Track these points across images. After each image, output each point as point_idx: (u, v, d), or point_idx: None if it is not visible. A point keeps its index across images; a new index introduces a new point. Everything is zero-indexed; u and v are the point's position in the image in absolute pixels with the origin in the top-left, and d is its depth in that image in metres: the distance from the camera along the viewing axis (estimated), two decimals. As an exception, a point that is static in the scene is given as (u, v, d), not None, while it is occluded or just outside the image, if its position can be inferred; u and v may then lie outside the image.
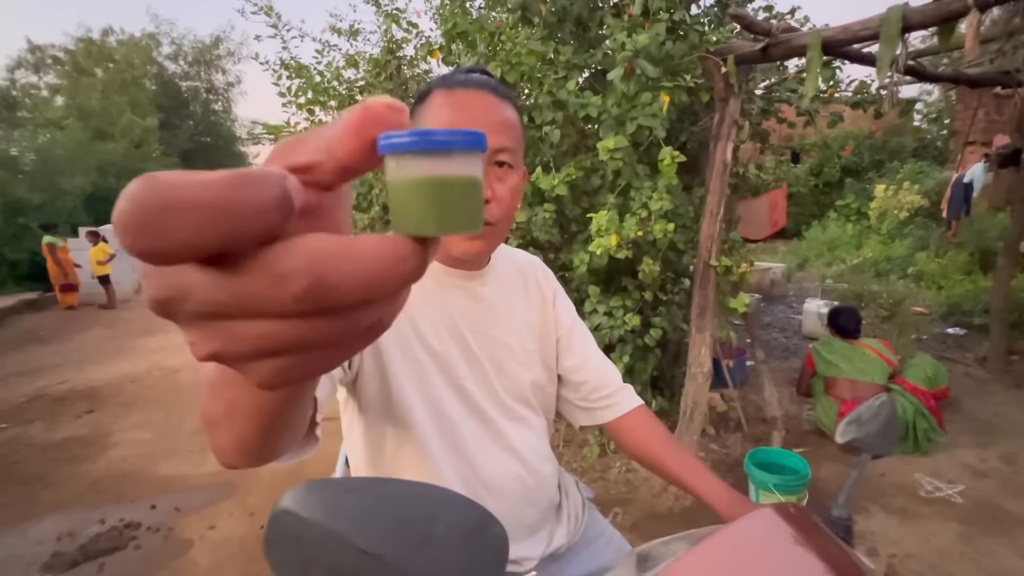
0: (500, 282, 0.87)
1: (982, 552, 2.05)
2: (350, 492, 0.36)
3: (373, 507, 0.36)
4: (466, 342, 0.82)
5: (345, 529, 0.35)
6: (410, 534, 0.36)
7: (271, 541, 0.36)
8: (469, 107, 0.71)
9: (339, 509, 0.35)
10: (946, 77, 2.56)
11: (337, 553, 0.34)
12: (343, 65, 3.53)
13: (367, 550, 0.34)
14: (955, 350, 4.33)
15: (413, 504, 0.37)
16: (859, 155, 12.69)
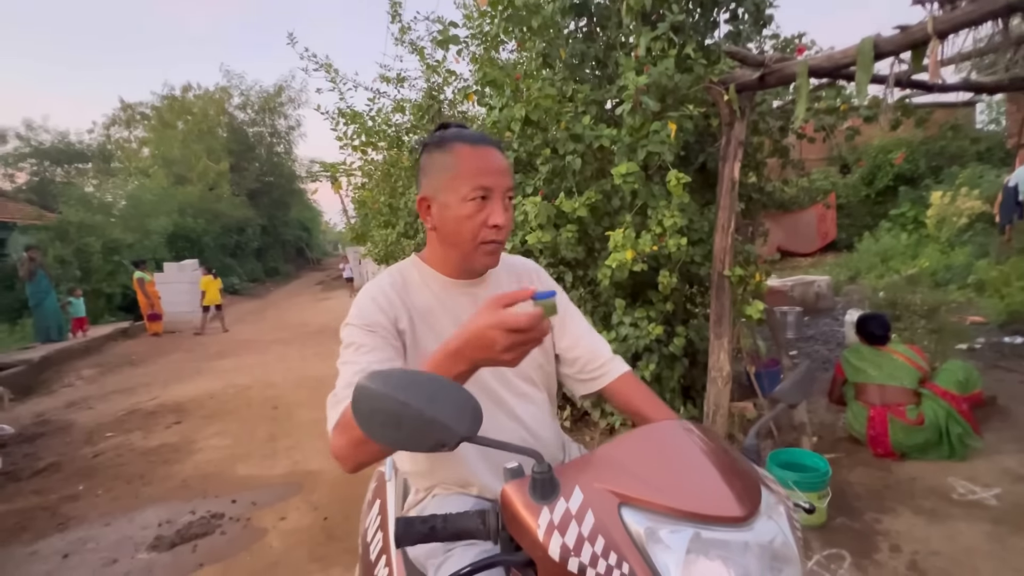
0: (498, 286, 1.11)
1: (1012, 551, 2.06)
2: (393, 374, 0.67)
3: (405, 379, 0.65)
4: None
5: (391, 391, 0.64)
6: (426, 392, 0.64)
7: (355, 401, 0.66)
8: (490, 159, 0.97)
9: (389, 380, 0.65)
10: (953, 86, 2.65)
11: (388, 402, 0.64)
12: (391, 110, 4.01)
13: (404, 400, 0.64)
14: (1012, 359, 4.16)
15: (428, 378, 0.67)
16: (913, 162, 12.14)
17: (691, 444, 0.77)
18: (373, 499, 1.44)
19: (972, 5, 1.58)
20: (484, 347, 0.72)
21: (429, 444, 0.66)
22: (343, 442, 0.82)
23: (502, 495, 0.71)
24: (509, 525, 0.70)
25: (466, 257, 1.01)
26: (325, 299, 17.15)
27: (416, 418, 0.64)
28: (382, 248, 4.17)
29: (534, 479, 0.68)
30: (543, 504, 0.66)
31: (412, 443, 0.66)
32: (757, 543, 0.64)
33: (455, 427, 0.65)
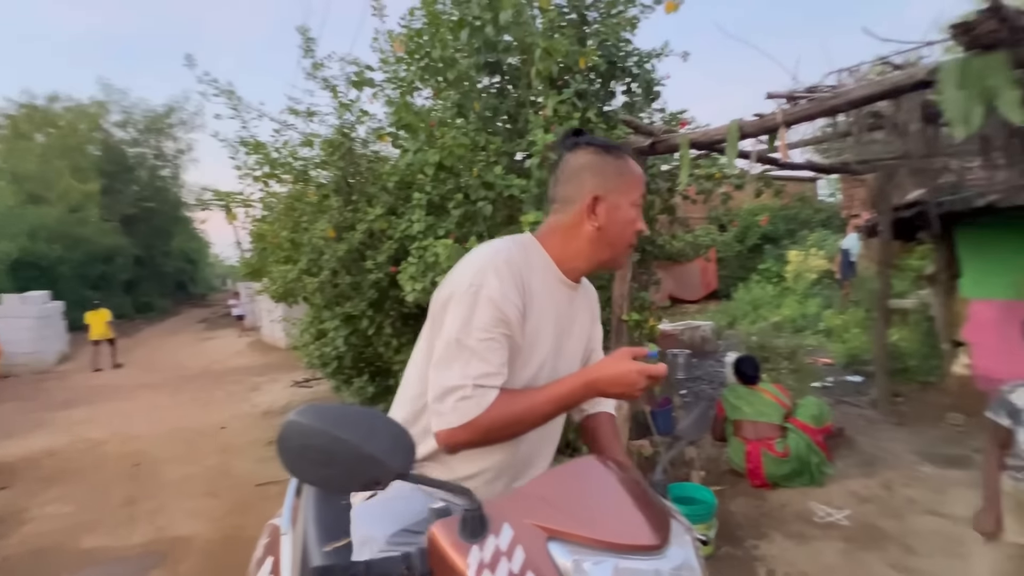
0: (587, 294, 1.18)
1: (859, 565, 2.36)
2: (329, 409, 0.65)
3: (342, 414, 0.64)
4: (569, 330, 1.11)
5: (327, 427, 0.62)
6: (363, 427, 0.63)
7: (282, 438, 0.63)
8: (639, 175, 1.08)
9: (325, 415, 0.63)
10: (798, 165, 3.20)
11: (323, 438, 0.62)
12: (299, 144, 3.87)
13: (340, 436, 0.62)
14: (853, 395, 4.88)
15: (365, 413, 0.66)
16: (775, 225, 14.12)
17: (611, 479, 0.81)
18: (264, 556, 1.30)
19: (809, 104, 1.96)
20: (626, 384, 0.93)
21: (362, 482, 0.64)
22: (467, 437, 0.93)
23: (429, 537, 0.69)
24: (436, 567, 0.69)
25: (616, 256, 1.10)
26: (208, 339, 15.48)
27: (351, 454, 0.62)
28: (280, 285, 3.90)
29: (464, 518, 0.67)
30: (472, 543, 0.66)
31: (342, 481, 0.64)
32: (668, 570, 0.69)
33: (390, 463, 0.64)
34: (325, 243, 3.44)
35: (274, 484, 3.81)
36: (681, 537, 0.77)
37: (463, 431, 0.91)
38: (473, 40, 2.93)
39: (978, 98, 1.39)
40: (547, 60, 2.45)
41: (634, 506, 0.76)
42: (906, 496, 2.96)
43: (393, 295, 3.54)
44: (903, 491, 3.02)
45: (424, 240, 2.90)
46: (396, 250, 3.26)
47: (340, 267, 3.48)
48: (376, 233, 3.39)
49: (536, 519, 0.69)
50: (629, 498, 0.78)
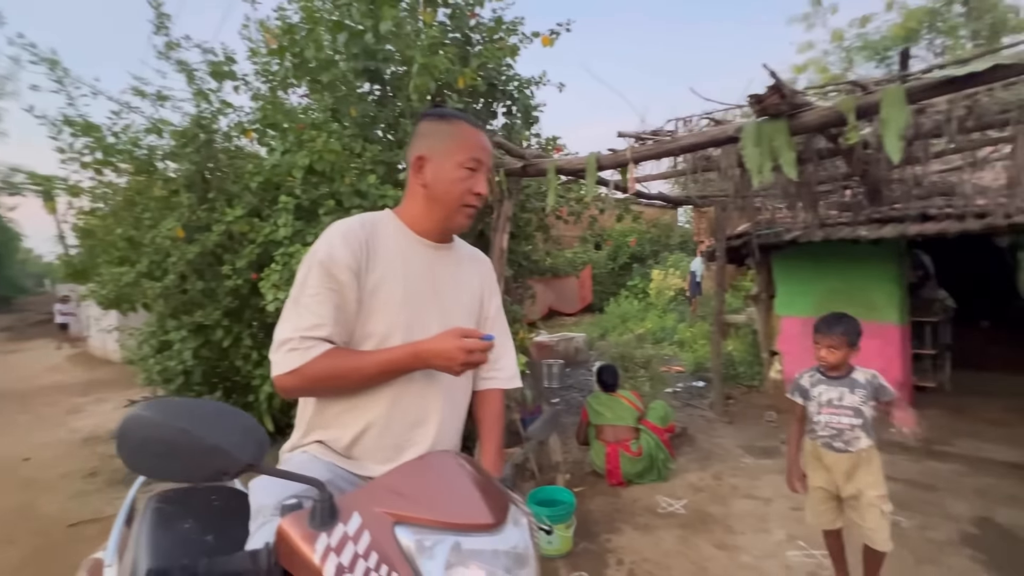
0: (460, 260, 1.26)
1: (691, 547, 2.70)
2: (172, 402, 0.65)
3: (186, 407, 0.65)
4: (435, 288, 1.17)
5: (169, 420, 0.62)
6: (208, 420, 0.64)
7: (122, 432, 0.63)
8: (484, 139, 1.18)
9: (167, 408, 0.64)
10: (650, 196, 3.63)
11: (165, 431, 0.62)
12: (144, 130, 3.41)
13: (183, 428, 0.61)
14: (697, 398, 5.57)
15: (211, 406, 0.68)
16: (642, 246, 15.65)
17: (456, 470, 0.89)
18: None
19: (652, 146, 2.25)
20: (447, 358, 1.00)
21: (208, 473, 0.65)
22: (295, 384, 1.01)
23: (278, 530, 0.71)
24: (284, 559, 0.70)
25: (448, 216, 1.16)
26: (13, 351, 12.74)
27: (195, 446, 0.63)
28: (112, 288, 3.36)
29: (314, 509, 0.70)
30: (321, 531, 0.69)
31: (188, 473, 0.65)
32: (504, 548, 0.78)
33: (238, 454, 0.66)
34: (172, 244, 3.06)
35: (93, 523, 3.25)
36: (519, 520, 0.86)
37: (291, 377, 1.00)
38: (352, 45, 2.86)
39: (768, 155, 1.74)
40: (424, 76, 2.48)
41: (475, 493, 0.84)
42: (731, 484, 3.45)
43: (254, 303, 3.26)
44: (729, 480, 3.51)
45: (291, 246, 2.73)
46: (259, 255, 3.02)
47: (190, 271, 3.12)
48: (236, 236, 3.10)
49: (384, 507, 0.75)
50: (472, 486, 0.86)
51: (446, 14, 3.50)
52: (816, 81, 11.89)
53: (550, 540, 2.64)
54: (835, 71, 11.92)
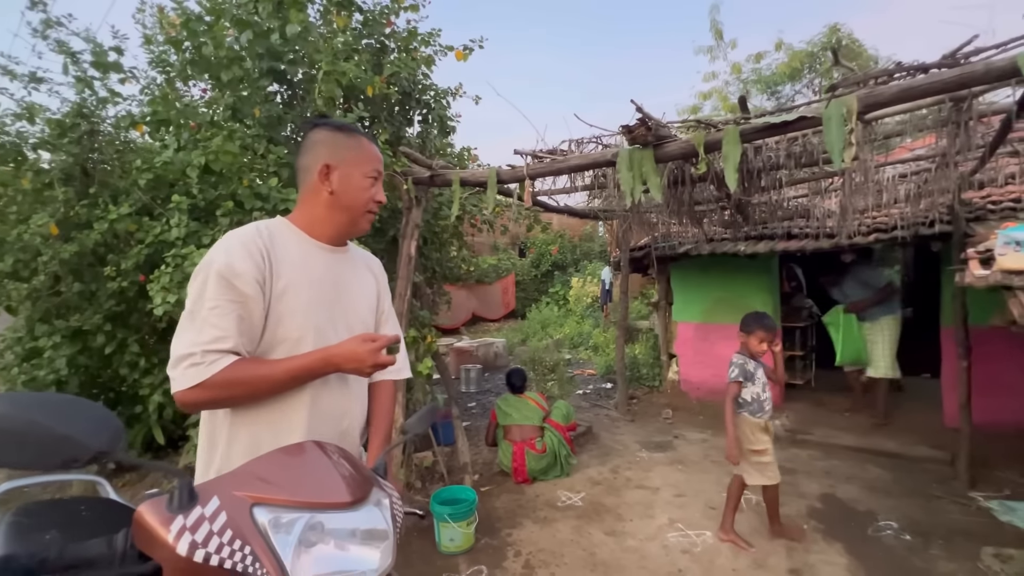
0: (355, 262, 1.34)
1: (584, 536, 2.91)
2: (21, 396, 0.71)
3: (35, 400, 0.69)
4: (337, 290, 1.23)
5: (18, 412, 0.66)
6: (59, 411, 0.68)
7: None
8: (378, 153, 1.29)
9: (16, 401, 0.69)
10: (556, 209, 3.87)
11: (13, 423, 0.66)
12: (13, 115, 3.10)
13: (32, 419, 0.66)
14: (604, 399, 5.93)
15: (62, 399, 0.72)
16: (564, 254, 16.23)
17: (322, 458, 0.96)
18: None
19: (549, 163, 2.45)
20: (357, 361, 1.08)
21: (59, 461, 0.69)
22: (200, 398, 1.01)
23: (134, 517, 0.75)
24: (140, 542, 0.74)
25: (354, 221, 1.26)
26: None
27: (45, 435, 0.67)
28: (-31, 290, 3.01)
29: (171, 495, 0.75)
30: (177, 514, 0.74)
31: (39, 460, 0.69)
32: (361, 525, 0.87)
33: (89, 442, 0.70)
34: (44, 241, 2.81)
35: None
36: (380, 502, 0.95)
37: (194, 392, 0.99)
38: (256, 44, 2.80)
39: (639, 178, 1.99)
40: (329, 83, 2.51)
41: (336, 476, 0.92)
42: (626, 476, 3.74)
43: (142, 307, 3.07)
44: (625, 473, 3.80)
45: (184, 247, 2.62)
46: (148, 256, 2.85)
47: (65, 272, 2.88)
48: (122, 235, 2.91)
49: (244, 491, 0.81)
50: (333, 470, 0.94)
51: (360, 21, 3.52)
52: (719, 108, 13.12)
53: (452, 538, 2.73)
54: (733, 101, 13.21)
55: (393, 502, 1.01)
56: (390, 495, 1.02)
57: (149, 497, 0.79)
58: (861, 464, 3.79)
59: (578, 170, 2.43)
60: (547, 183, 3.16)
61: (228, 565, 0.74)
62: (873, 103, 1.74)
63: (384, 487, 1.03)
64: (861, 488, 3.40)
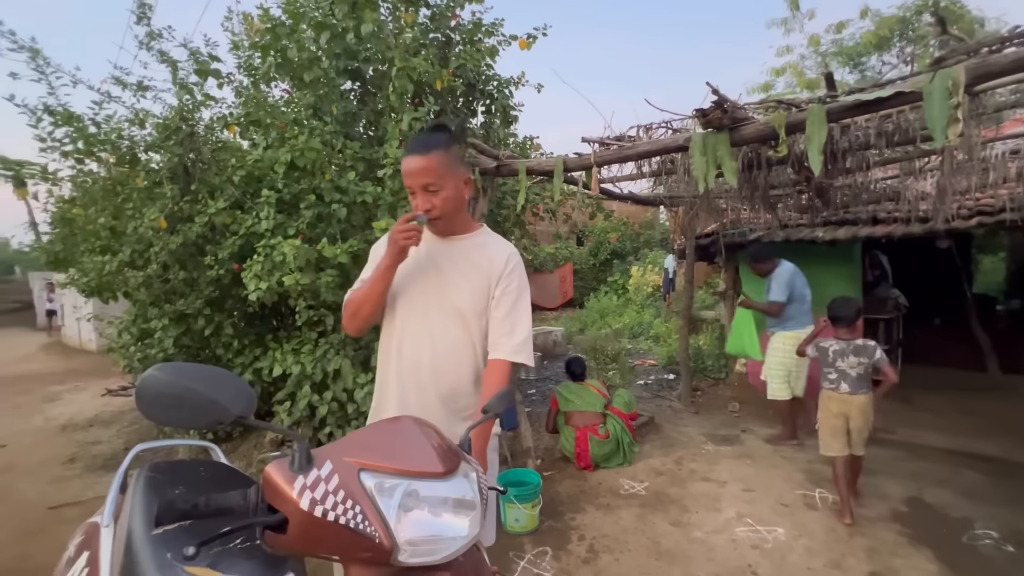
0: (471, 247, 1.53)
1: (648, 524, 2.91)
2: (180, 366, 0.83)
3: (191, 369, 0.83)
4: (438, 268, 1.51)
5: (176, 379, 0.79)
6: (209, 380, 0.81)
7: (140, 388, 0.80)
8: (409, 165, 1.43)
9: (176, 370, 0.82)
10: (620, 196, 3.81)
11: (173, 388, 0.79)
12: (127, 120, 3.46)
13: (188, 386, 0.79)
14: (667, 390, 5.82)
15: (211, 370, 0.84)
16: (623, 243, 15.90)
17: (417, 431, 1.04)
18: (77, 553, 1.31)
19: (616, 150, 2.42)
20: (391, 238, 1.41)
21: (207, 421, 0.82)
22: (346, 316, 1.53)
23: (263, 475, 0.86)
24: (269, 496, 0.86)
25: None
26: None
27: (198, 400, 0.80)
28: (94, 277, 3.42)
29: (292, 456, 0.86)
30: (298, 473, 0.84)
31: (193, 420, 0.82)
32: (452, 495, 0.94)
33: (232, 407, 0.82)
34: (155, 234, 3.14)
35: (74, 506, 3.33)
36: (467, 475, 1.02)
37: (343, 312, 1.54)
38: (334, 45, 2.96)
39: (712, 163, 1.92)
40: (403, 79, 2.61)
41: (429, 448, 0.99)
42: (690, 468, 3.67)
43: (236, 293, 3.36)
44: (689, 464, 3.74)
45: (272, 239, 2.84)
46: (241, 247, 3.12)
47: (172, 261, 3.21)
48: (218, 227, 3.20)
49: (352, 457, 0.90)
50: (427, 443, 1.02)
51: (427, 15, 3.61)
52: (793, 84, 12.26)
53: (517, 518, 2.82)
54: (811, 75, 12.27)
55: (479, 476, 1.07)
56: (476, 470, 1.09)
57: (273, 459, 0.90)
58: (954, 468, 3.51)
59: (647, 156, 2.39)
60: (612, 170, 3.13)
61: (342, 521, 0.83)
62: (984, 74, 1.58)
63: (471, 462, 1.10)
64: (954, 493, 3.15)
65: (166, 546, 1.14)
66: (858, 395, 2.86)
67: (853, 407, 2.86)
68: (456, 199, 1.46)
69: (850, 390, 2.87)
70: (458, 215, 1.51)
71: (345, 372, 3.09)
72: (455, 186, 1.45)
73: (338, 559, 0.93)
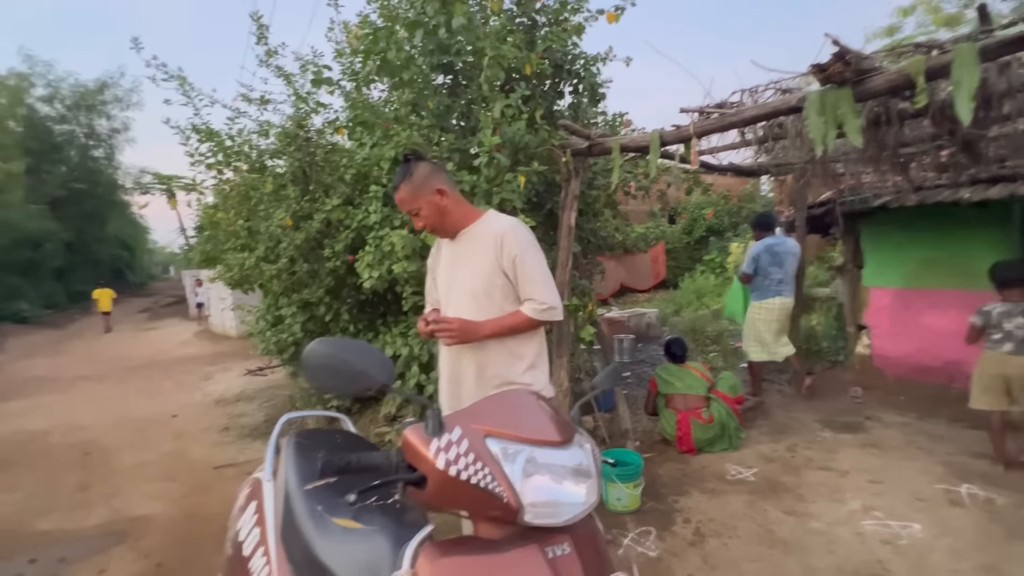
0: (472, 243, 1.73)
1: (758, 511, 2.77)
2: (336, 340, 0.98)
3: (344, 343, 0.97)
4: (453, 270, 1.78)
5: (335, 351, 0.95)
6: (358, 352, 0.95)
7: (304, 359, 0.95)
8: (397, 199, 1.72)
9: (333, 344, 0.97)
10: (719, 167, 3.58)
11: (332, 360, 0.93)
12: (254, 131, 3.91)
13: (343, 357, 0.93)
14: (774, 373, 5.42)
15: (358, 344, 0.99)
16: (720, 218, 14.91)
17: (534, 403, 1.12)
18: (246, 503, 1.55)
19: (715, 119, 2.28)
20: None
21: (357, 389, 0.96)
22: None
23: (402, 438, 0.98)
24: (408, 456, 0.98)
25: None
26: (152, 329, 14.84)
27: (351, 370, 0.95)
28: (237, 272, 3.95)
29: (426, 421, 0.97)
30: (433, 437, 0.95)
31: (346, 388, 0.97)
32: (570, 463, 0.99)
33: (378, 377, 0.97)
34: (283, 232, 3.54)
35: (231, 467, 3.91)
36: (582, 445, 1.06)
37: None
38: (427, 42, 3.10)
39: (832, 123, 1.74)
40: (494, 68, 2.67)
41: (547, 419, 1.06)
42: (805, 456, 3.43)
43: (350, 282, 3.69)
44: (804, 452, 3.49)
45: (381, 230, 3.08)
46: (353, 239, 3.41)
47: (298, 255, 3.60)
48: (333, 223, 3.52)
49: (479, 424, 0.99)
50: (544, 414, 1.09)
51: (512, 1, 3.63)
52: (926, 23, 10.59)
53: (619, 497, 2.83)
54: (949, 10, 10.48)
55: (593, 448, 1.11)
56: (591, 442, 1.13)
57: (408, 424, 1.00)
58: None
59: (753, 122, 2.22)
60: (711, 140, 2.96)
61: (474, 481, 0.91)
62: None
63: (584, 436, 1.14)
64: None
65: (316, 500, 1.32)
66: (1021, 356, 2.85)
67: (1014, 367, 2.86)
68: (435, 212, 1.69)
69: (1014, 350, 2.87)
70: (447, 220, 1.72)
71: (449, 353, 3.28)
72: (428, 202, 1.67)
73: (467, 516, 1.02)
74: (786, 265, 4.31)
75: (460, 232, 1.75)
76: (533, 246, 1.72)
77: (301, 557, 1.23)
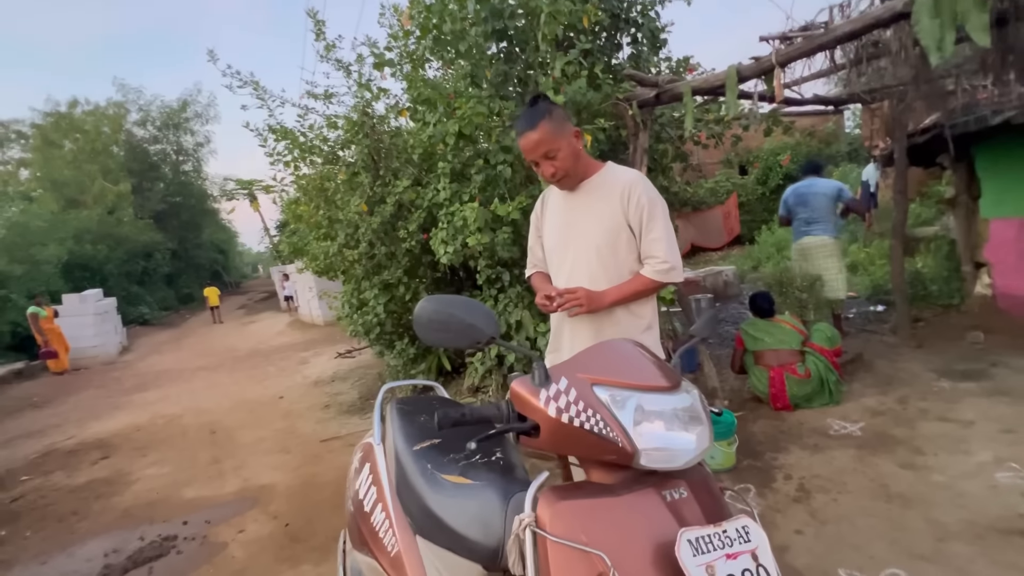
0: (587, 191, 1.68)
1: (869, 466, 2.60)
2: (443, 297, 1.03)
3: (451, 299, 1.02)
4: (568, 224, 1.71)
5: (443, 307, 1.00)
6: (466, 307, 0.99)
7: (416, 315, 1.02)
8: (524, 142, 1.58)
9: (441, 300, 1.02)
10: (803, 101, 3.26)
11: (441, 315, 0.99)
12: (324, 126, 4.10)
13: (452, 312, 0.99)
14: (875, 323, 5.00)
15: (465, 300, 1.03)
16: (798, 163, 13.71)
17: (635, 351, 1.10)
18: (361, 466, 1.68)
19: (801, 43, 2.07)
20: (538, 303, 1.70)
21: (468, 342, 1.00)
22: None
23: (511, 390, 1.02)
24: (518, 407, 1.01)
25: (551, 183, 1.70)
26: (251, 322, 16.28)
27: (460, 324, 0.99)
28: (322, 261, 4.22)
29: (532, 373, 1.00)
30: (540, 387, 0.97)
31: (457, 341, 1.01)
32: (680, 407, 0.98)
33: (487, 329, 1.00)
34: (360, 218, 3.72)
35: (336, 439, 4.25)
36: (690, 390, 1.04)
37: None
38: (480, 9, 3.05)
39: (950, 24, 1.51)
40: (552, 24, 2.58)
41: (651, 366, 1.04)
42: (919, 408, 3.15)
43: (426, 260, 3.83)
44: (917, 404, 3.21)
45: (451, 206, 3.14)
46: (425, 218, 3.51)
47: (375, 239, 3.77)
48: (405, 204, 3.64)
49: (584, 373, 0.99)
50: (648, 362, 1.07)
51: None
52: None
53: (713, 455, 2.77)
54: None
55: (700, 395, 1.09)
56: (696, 389, 1.10)
57: (515, 377, 1.03)
58: None
59: (848, 40, 1.99)
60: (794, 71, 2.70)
61: (587, 427, 0.92)
62: None
63: (687, 380, 1.12)
64: None
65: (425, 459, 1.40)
66: None
67: None
68: (573, 154, 1.58)
69: None
70: (579, 165, 1.62)
71: (526, 322, 3.33)
72: (568, 143, 1.56)
73: (578, 463, 1.04)
74: (812, 204, 4.32)
75: (583, 184, 1.66)
76: (661, 200, 1.64)
77: (417, 510, 1.32)
